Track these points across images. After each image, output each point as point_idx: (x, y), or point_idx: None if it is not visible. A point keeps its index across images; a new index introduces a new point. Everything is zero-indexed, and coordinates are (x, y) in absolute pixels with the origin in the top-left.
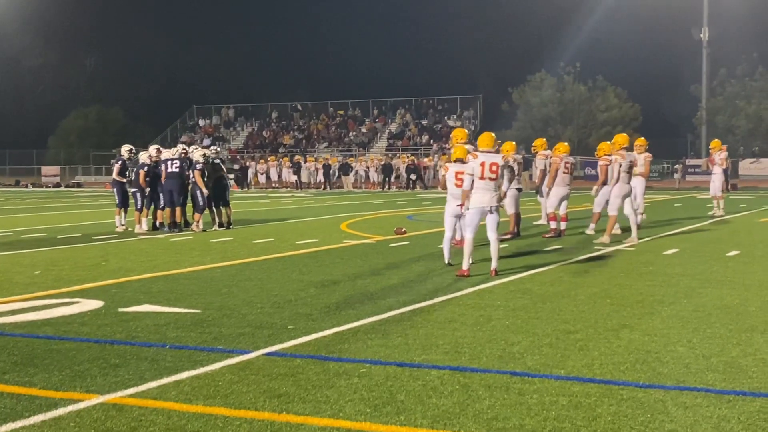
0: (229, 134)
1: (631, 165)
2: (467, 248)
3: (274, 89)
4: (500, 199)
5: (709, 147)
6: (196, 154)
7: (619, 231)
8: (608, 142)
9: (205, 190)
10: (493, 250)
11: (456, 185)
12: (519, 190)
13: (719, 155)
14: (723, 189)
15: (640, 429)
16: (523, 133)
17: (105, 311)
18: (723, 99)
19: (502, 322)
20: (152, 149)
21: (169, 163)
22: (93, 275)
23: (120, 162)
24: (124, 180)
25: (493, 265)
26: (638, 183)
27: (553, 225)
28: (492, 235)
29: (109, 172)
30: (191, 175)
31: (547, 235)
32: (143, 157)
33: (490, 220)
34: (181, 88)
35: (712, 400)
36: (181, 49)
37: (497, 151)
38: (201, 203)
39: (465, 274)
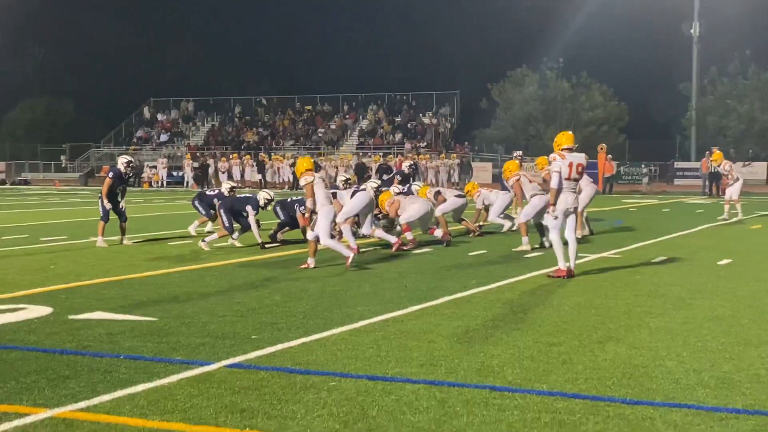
0: (188, 129)
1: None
2: (558, 248)
3: (237, 82)
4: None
5: (711, 159)
6: (224, 187)
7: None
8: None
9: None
10: (572, 249)
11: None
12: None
13: (724, 167)
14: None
15: None
16: (503, 132)
17: (54, 318)
18: (714, 98)
19: (481, 333)
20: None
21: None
22: (41, 279)
23: (113, 176)
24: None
25: (571, 265)
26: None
27: None
28: (571, 236)
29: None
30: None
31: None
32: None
33: (570, 221)
34: (137, 80)
35: (703, 418)
36: (137, 38)
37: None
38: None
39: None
